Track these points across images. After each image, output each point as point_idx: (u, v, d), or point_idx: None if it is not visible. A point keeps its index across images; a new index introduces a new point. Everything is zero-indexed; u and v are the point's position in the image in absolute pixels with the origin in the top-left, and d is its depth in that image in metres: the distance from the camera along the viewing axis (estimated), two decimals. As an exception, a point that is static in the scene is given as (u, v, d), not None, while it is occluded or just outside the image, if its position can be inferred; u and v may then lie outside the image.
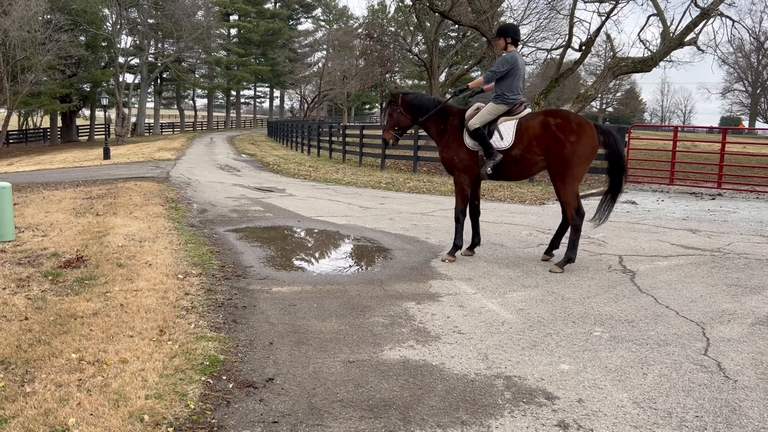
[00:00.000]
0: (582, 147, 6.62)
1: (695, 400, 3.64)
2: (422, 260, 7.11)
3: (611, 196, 7.18)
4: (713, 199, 13.31)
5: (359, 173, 18.97)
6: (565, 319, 5.07)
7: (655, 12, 21.52)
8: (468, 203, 7.35)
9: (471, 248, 7.43)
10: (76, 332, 4.51)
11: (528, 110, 7.12)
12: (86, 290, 5.62)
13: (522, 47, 32.13)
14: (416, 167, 20.04)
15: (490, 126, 6.98)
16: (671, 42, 20.59)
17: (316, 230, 9.16)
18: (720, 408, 3.55)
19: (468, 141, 7.08)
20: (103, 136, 39.05)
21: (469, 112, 7.17)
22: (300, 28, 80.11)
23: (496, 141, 6.90)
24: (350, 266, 6.97)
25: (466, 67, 44.71)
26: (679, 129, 17.82)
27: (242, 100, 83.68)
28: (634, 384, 3.85)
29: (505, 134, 6.91)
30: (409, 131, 8.04)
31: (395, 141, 7.59)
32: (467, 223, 7.34)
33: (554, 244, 7.19)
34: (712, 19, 20.46)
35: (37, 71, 32.94)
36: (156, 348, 4.23)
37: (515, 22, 30.61)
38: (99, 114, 58.60)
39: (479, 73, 66.81)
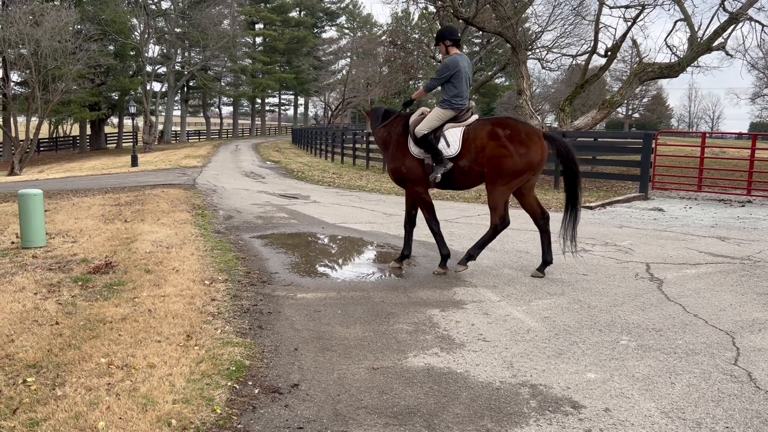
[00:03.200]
0: (529, 159, 6.35)
1: (725, 411, 3.58)
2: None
3: (571, 210, 6.69)
4: (742, 206, 13.09)
5: (383, 180, 19.01)
6: (592, 328, 5.03)
7: (682, 17, 21.29)
8: (410, 211, 7.16)
9: (400, 260, 7.09)
10: (106, 337, 4.58)
11: (475, 117, 6.84)
12: (115, 295, 5.71)
13: (547, 53, 32.02)
14: (440, 174, 20.01)
15: (436, 132, 6.70)
16: (699, 47, 20.33)
17: (339, 237, 9.19)
18: (751, 419, 3.49)
19: (413, 149, 6.81)
20: (131, 144, 39.67)
21: (413, 117, 6.91)
22: (324, 36, 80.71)
23: (442, 148, 6.63)
24: (374, 273, 6.98)
25: (490, 73, 44.61)
26: (707, 135, 17.57)
27: (267, 108, 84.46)
28: (662, 393, 3.80)
29: (452, 141, 6.63)
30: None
31: None
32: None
33: (546, 259, 6.80)
34: (740, 24, 20.20)
35: (68, 80, 33.59)
36: (183, 353, 4.28)
37: (539, 29, 30.52)
38: (127, 122, 59.59)
39: (503, 79, 66.64)
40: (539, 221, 6.85)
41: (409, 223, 7.23)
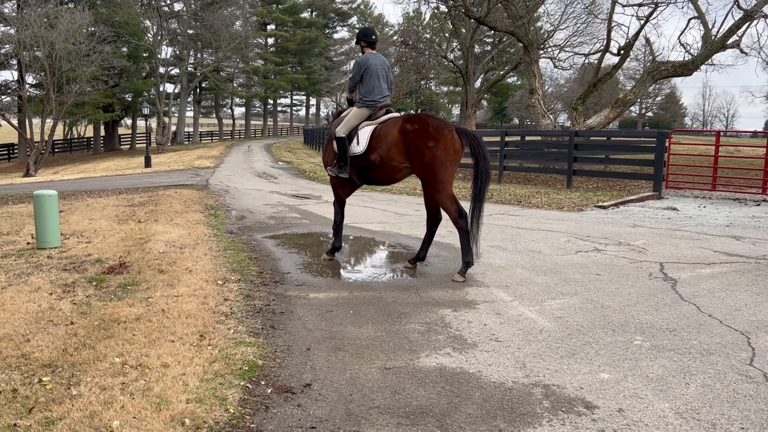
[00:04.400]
0: (441, 151, 6.44)
1: (740, 412, 3.55)
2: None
3: (475, 206, 6.65)
4: (758, 205, 12.96)
5: (395, 180, 18.98)
6: (605, 328, 5.00)
7: (696, 15, 21.16)
8: (343, 206, 7.68)
9: (331, 252, 7.57)
10: (120, 337, 4.61)
11: (391, 115, 7.06)
12: (129, 296, 5.75)
13: (559, 52, 31.90)
14: (452, 174, 19.97)
15: (352, 132, 7.10)
16: (713, 45, 20.18)
17: (351, 237, 9.20)
18: (766, 420, 3.45)
19: (335, 145, 7.30)
20: (144, 145, 39.93)
21: (342, 116, 7.38)
22: (336, 36, 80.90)
23: (353, 146, 7.02)
24: (386, 273, 6.98)
25: (501, 72, 44.47)
26: (722, 133, 17.42)
27: (279, 109, 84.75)
28: (676, 394, 3.78)
29: (362, 139, 6.96)
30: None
31: None
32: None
33: (420, 255, 7.08)
34: (755, 21, 20.05)
35: (82, 82, 33.87)
36: (196, 353, 4.30)
37: (552, 27, 30.40)
38: (140, 123, 60.10)
39: (515, 78, 66.43)
40: (430, 220, 7.13)
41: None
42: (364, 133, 6.99)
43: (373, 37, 7.43)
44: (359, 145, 6.98)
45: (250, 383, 3.88)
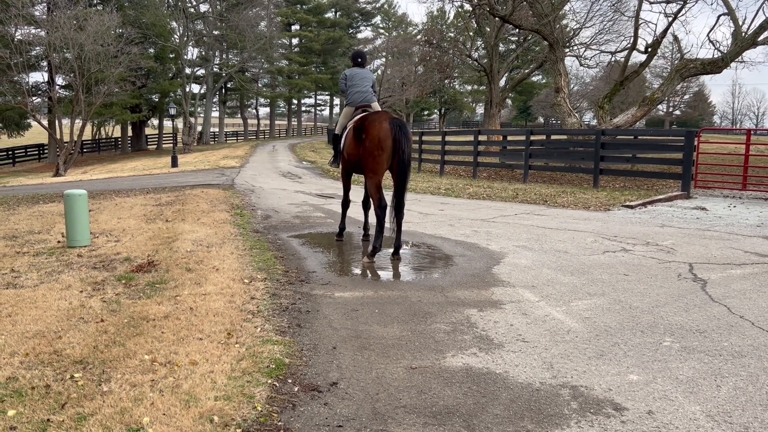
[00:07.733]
0: (369, 142, 7.18)
1: (774, 415, 3.48)
2: (483, 267, 7.06)
3: (395, 199, 7.48)
4: (790, 204, 12.69)
5: (418, 179, 18.98)
6: (633, 329, 4.94)
7: (725, 11, 20.82)
8: (347, 192, 8.81)
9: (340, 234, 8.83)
10: (149, 334, 4.67)
11: (362, 114, 7.78)
12: (157, 294, 5.82)
13: (585, 50, 31.59)
14: (476, 173, 19.90)
15: (344, 130, 8.09)
16: (743, 42, 19.83)
17: (376, 236, 9.19)
18: (801, 424, 3.38)
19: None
20: (171, 145, 40.40)
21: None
22: (359, 36, 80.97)
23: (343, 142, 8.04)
24: (411, 272, 6.98)
25: (526, 71, 44.19)
26: (752, 132, 17.09)
27: (303, 109, 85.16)
28: (707, 396, 3.72)
29: (343, 137, 8.04)
30: (467, 138, 9.02)
31: None
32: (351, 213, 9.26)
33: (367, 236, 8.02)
34: (787, 17, 19.61)
35: (110, 83, 34.37)
36: (224, 351, 4.34)
37: (577, 25, 30.13)
38: (167, 123, 60.63)
39: (540, 77, 65.94)
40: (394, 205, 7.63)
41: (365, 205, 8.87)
42: (345, 131, 8.01)
43: (359, 59, 8.48)
44: (341, 141, 8.06)
45: (277, 381, 3.90)
